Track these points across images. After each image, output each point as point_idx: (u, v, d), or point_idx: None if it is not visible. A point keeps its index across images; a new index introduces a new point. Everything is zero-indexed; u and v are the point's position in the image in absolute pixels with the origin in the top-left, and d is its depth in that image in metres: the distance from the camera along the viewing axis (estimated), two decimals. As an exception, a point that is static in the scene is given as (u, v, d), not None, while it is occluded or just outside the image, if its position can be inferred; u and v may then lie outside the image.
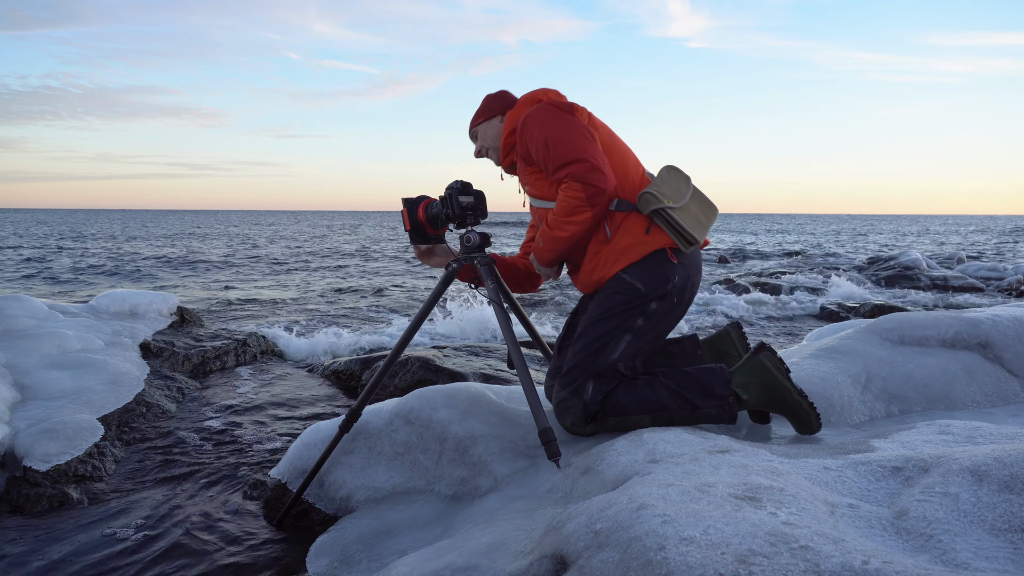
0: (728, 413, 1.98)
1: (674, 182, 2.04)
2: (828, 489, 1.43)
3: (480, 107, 2.26)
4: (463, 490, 2.06)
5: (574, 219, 1.96)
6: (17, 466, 2.64)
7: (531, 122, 2.02)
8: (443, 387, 2.35)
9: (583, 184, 1.93)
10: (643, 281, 1.97)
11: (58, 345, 3.84)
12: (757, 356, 2.02)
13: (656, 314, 2.00)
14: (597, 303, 2.04)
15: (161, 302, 5.23)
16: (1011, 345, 2.50)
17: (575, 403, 1.96)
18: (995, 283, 11.85)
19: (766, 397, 1.99)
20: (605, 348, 1.98)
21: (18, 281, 12.13)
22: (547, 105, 2.04)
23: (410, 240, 2.24)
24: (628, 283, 1.98)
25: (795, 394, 1.96)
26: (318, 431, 2.38)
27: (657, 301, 1.99)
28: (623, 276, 1.99)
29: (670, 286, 1.98)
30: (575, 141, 1.96)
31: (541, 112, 2.03)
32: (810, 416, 1.96)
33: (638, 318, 1.99)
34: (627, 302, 1.98)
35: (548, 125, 1.99)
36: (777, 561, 1.06)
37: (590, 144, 1.97)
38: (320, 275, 13.75)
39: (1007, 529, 1.18)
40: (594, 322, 2.01)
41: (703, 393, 1.97)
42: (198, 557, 2.13)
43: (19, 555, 2.14)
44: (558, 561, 1.29)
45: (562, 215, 1.98)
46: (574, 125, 2.00)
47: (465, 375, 3.91)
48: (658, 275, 1.97)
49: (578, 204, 1.94)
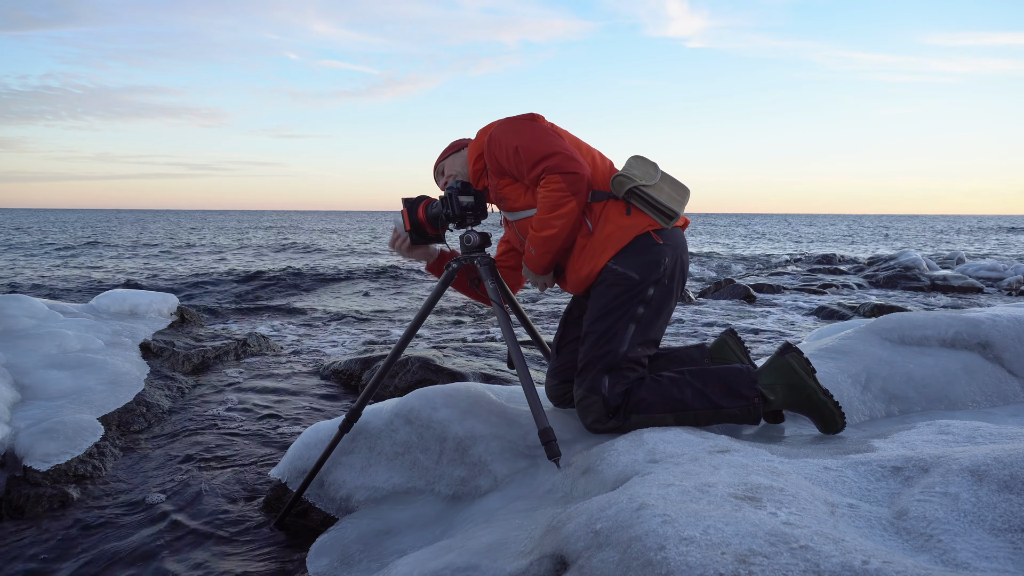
0: (753, 414, 1.97)
1: (642, 166, 2.07)
2: (828, 489, 1.43)
3: (445, 149, 2.33)
4: (463, 490, 2.06)
5: (560, 212, 1.98)
6: (17, 466, 2.64)
7: (497, 135, 2.07)
8: (443, 387, 2.35)
9: (562, 174, 1.96)
10: (635, 269, 1.98)
11: (58, 345, 3.84)
12: (783, 357, 2.01)
13: (655, 299, 2.01)
14: (595, 300, 2.04)
15: (161, 302, 5.23)
16: (1011, 345, 2.50)
17: (595, 399, 1.96)
18: (995, 283, 11.84)
19: (792, 397, 1.98)
20: (612, 342, 1.98)
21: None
22: (507, 119, 2.10)
23: (410, 240, 2.24)
24: (621, 273, 1.99)
25: (821, 394, 1.96)
26: (318, 431, 2.38)
27: (654, 287, 2.00)
28: (614, 267, 2.00)
29: (663, 268, 2.00)
30: (544, 139, 2.01)
31: (504, 125, 2.08)
32: (835, 415, 1.95)
33: (638, 306, 2.00)
34: (624, 292, 1.99)
35: (515, 133, 2.04)
36: (777, 561, 1.06)
37: (558, 140, 2.03)
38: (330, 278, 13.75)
39: (1007, 529, 1.18)
40: (596, 319, 2.01)
41: (728, 393, 1.96)
42: (198, 557, 2.13)
43: (19, 555, 2.14)
44: (558, 561, 1.29)
45: (547, 212, 2.00)
46: (539, 127, 2.06)
47: (465, 375, 3.92)
48: (648, 259, 1.98)
49: (561, 195, 1.97)
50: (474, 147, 2.20)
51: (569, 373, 2.19)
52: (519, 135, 2.03)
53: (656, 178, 2.04)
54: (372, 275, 13.64)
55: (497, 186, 2.15)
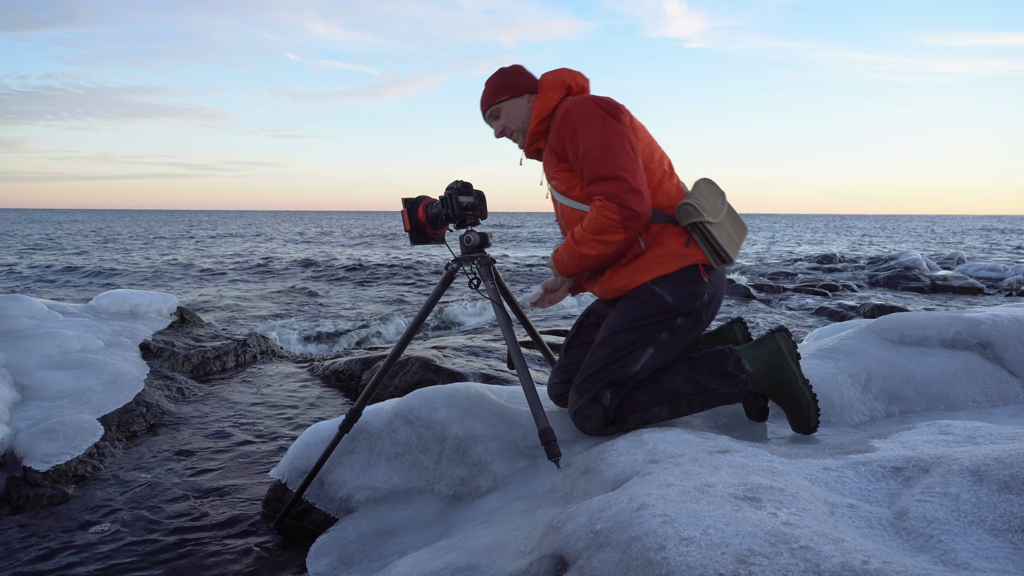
0: (744, 391, 1.95)
1: (711, 196, 1.98)
2: (828, 489, 1.43)
3: (500, 81, 2.09)
4: (463, 490, 2.06)
5: (604, 238, 1.89)
6: (17, 466, 2.64)
7: (573, 119, 1.90)
8: (443, 387, 2.35)
9: (619, 206, 1.84)
10: (673, 295, 1.92)
11: (58, 345, 3.84)
12: (772, 335, 1.99)
13: (681, 329, 1.96)
14: (621, 311, 1.99)
15: (161, 302, 5.23)
16: (1011, 345, 2.49)
17: (595, 409, 1.93)
18: (995, 283, 11.84)
19: (770, 376, 1.95)
20: (627, 359, 1.93)
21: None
22: (593, 105, 1.91)
23: (410, 240, 2.24)
24: (657, 295, 1.93)
25: (800, 381, 1.93)
26: (318, 431, 2.38)
27: (684, 317, 1.95)
28: (653, 287, 1.94)
29: (699, 303, 1.95)
30: (617, 156, 1.86)
31: (585, 112, 1.90)
32: (810, 409, 1.93)
33: (663, 331, 1.94)
34: (654, 314, 1.93)
35: (591, 131, 1.88)
36: (777, 561, 1.06)
37: (631, 161, 1.87)
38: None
39: (1007, 529, 1.18)
40: (618, 331, 1.96)
41: (717, 374, 1.94)
42: (198, 557, 2.13)
43: (19, 555, 2.14)
44: (558, 561, 1.29)
45: (592, 232, 1.90)
46: (618, 135, 1.88)
47: (465, 375, 3.91)
48: (689, 291, 1.93)
49: (611, 224, 1.86)
50: (542, 105, 2.02)
51: (574, 374, 2.19)
52: (591, 136, 1.87)
53: (722, 213, 1.96)
54: (376, 276, 13.63)
55: (554, 165, 2.02)
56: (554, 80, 2.05)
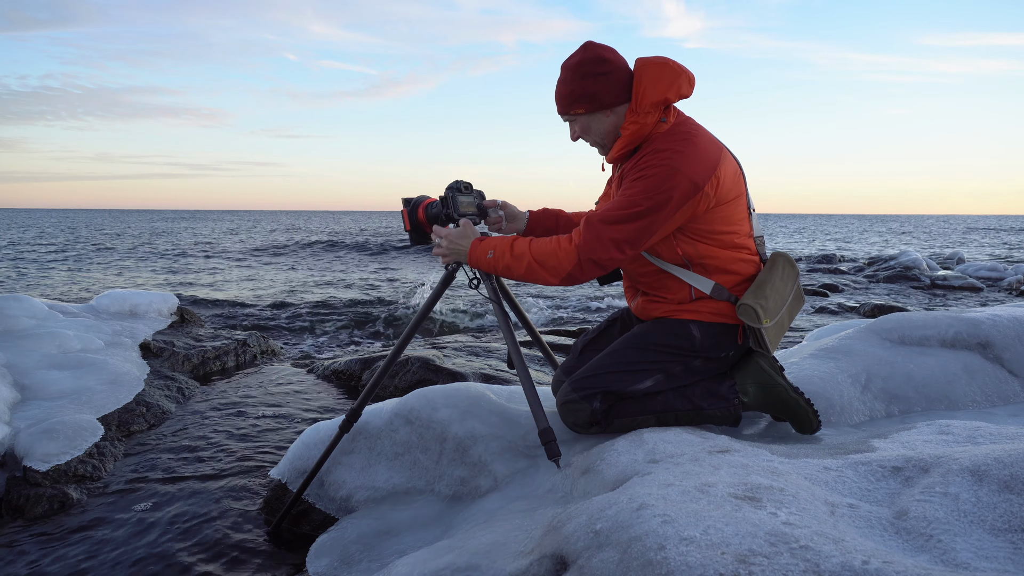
0: (733, 415, 1.98)
1: (781, 287, 1.92)
2: (828, 489, 1.43)
3: (580, 89, 1.82)
4: (463, 490, 2.06)
5: (541, 271, 1.82)
6: (17, 466, 2.64)
7: (656, 167, 1.72)
8: (443, 387, 2.35)
9: (579, 259, 1.77)
10: (703, 338, 1.92)
11: (58, 345, 3.84)
12: (751, 358, 2.01)
13: (695, 370, 1.96)
14: (647, 330, 1.98)
15: (161, 302, 5.23)
16: (1011, 345, 2.49)
17: (584, 407, 1.93)
18: (995, 283, 11.84)
19: (764, 396, 1.98)
20: (633, 376, 1.92)
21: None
22: (684, 173, 1.71)
23: (410, 240, 2.24)
24: (690, 332, 1.92)
25: (791, 391, 1.96)
26: (318, 431, 2.38)
27: (703, 361, 1.95)
28: (689, 324, 1.92)
29: (723, 355, 1.96)
30: (629, 225, 1.73)
31: (668, 172, 1.70)
32: (808, 413, 1.96)
33: (679, 365, 1.94)
34: (677, 346, 1.93)
35: (648, 187, 1.71)
36: (777, 561, 1.06)
37: (635, 241, 1.76)
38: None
39: (1007, 529, 1.18)
40: (632, 347, 1.95)
41: (709, 395, 1.96)
42: (197, 557, 2.13)
43: (18, 555, 2.14)
44: (558, 561, 1.29)
45: (538, 256, 1.83)
46: (661, 216, 1.72)
47: (465, 375, 3.91)
48: (719, 341, 1.93)
49: (560, 267, 1.79)
50: (635, 132, 1.80)
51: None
52: (644, 190, 1.71)
53: (784, 306, 1.93)
54: (373, 276, 13.63)
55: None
56: (652, 98, 1.77)
